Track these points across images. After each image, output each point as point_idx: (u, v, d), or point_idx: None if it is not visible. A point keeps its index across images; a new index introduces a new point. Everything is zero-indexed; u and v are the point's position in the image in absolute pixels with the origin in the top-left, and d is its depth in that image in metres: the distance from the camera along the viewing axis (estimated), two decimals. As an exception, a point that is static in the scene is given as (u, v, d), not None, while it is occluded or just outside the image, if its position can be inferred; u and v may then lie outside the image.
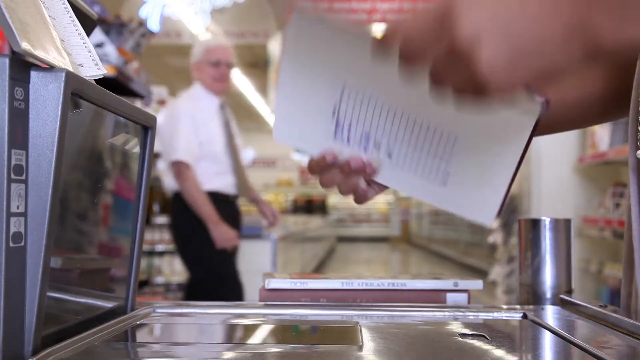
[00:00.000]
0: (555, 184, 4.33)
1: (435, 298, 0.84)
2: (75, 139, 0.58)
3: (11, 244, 0.49)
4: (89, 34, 0.67)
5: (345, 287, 0.85)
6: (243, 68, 10.59)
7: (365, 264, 12.27)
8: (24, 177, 0.50)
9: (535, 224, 0.87)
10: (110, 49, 3.14)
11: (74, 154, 0.58)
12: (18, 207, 0.49)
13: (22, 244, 0.50)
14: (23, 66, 0.50)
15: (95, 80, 0.61)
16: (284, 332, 0.70)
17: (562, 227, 0.87)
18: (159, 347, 0.64)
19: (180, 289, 4.64)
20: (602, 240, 4.00)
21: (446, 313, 0.76)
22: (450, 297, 0.84)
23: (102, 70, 0.62)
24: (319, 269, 9.71)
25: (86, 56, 0.62)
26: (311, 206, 19.32)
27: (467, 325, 0.71)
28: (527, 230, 0.88)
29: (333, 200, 19.96)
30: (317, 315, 0.76)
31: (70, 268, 0.61)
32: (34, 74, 0.51)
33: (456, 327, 0.69)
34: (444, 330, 0.69)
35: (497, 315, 0.77)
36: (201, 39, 3.50)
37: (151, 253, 4.71)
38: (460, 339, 0.63)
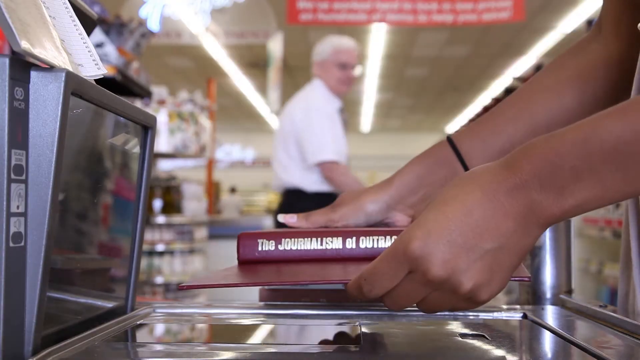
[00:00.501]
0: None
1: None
2: (75, 139, 0.58)
3: (11, 244, 0.49)
4: (89, 34, 0.67)
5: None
6: (243, 68, 10.59)
7: (365, 264, 12.21)
8: (24, 177, 0.50)
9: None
10: (110, 49, 3.14)
11: (74, 154, 0.58)
12: (18, 207, 0.49)
13: (22, 244, 0.50)
14: (23, 66, 0.50)
15: (95, 80, 0.61)
16: (284, 332, 0.70)
17: (562, 227, 0.87)
18: (159, 347, 0.64)
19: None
20: (602, 240, 4.00)
21: (446, 313, 0.76)
22: (450, 297, 0.84)
23: (102, 70, 0.62)
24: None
25: (86, 56, 0.62)
26: (311, 206, 19.25)
27: (467, 325, 0.71)
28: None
29: (333, 200, 19.90)
30: (317, 315, 0.76)
31: (70, 268, 0.61)
32: (34, 74, 0.51)
33: (456, 327, 0.69)
34: (444, 330, 0.69)
35: (497, 315, 0.76)
36: (330, 38, 3.40)
37: (151, 253, 4.71)
38: (460, 339, 0.63)
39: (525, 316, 0.75)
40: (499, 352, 0.59)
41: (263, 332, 0.70)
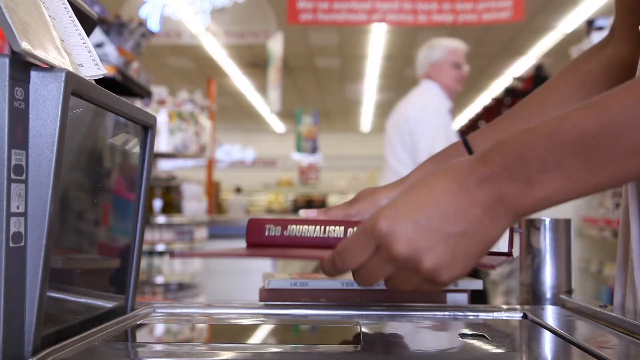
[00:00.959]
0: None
1: (435, 298, 0.84)
2: (75, 139, 0.58)
3: (11, 244, 0.49)
4: (89, 34, 0.67)
5: (345, 287, 0.85)
6: (243, 68, 10.59)
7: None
8: (24, 177, 0.50)
9: (535, 224, 0.87)
10: (110, 49, 3.14)
11: (74, 154, 0.58)
12: (18, 207, 0.49)
13: (22, 244, 0.50)
14: (23, 66, 0.50)
15: (95, 80, 0.61)
16: (284, 332, 0.70)
17: (562, 227, 0.87)
18: (159, 347, 0.64)
19: (180, 289, 4.64)
20: (602, 240, 4.00)
21: (446, 313, 0.76)
22: (450, 297, 0.84)
23: (102, 70, 0.62)
24: (319, 269, 9.71)
25: (86, 56, 0.62)
26: (311, 206, 19.29)
27: (467, 325, 0.71)
28: (527, 230, 0.88)
29: (333, 200, 19.95)
30: (317, 315, 0.76)
31: (70, 268, 0.61)
32: (34, 74, 0.51)
33: (456, 327, 0.69)
34: (444, 330, 0.69)
35: (497, 315, 0.76)
36: (438, 40, 3.53)
37: (151, 253, 4.70)
38: (460, 339, 0.63)
39: (525, 316, 0.75)
40: (499, 352, 0.59)
41: (263, 332, 0.70)
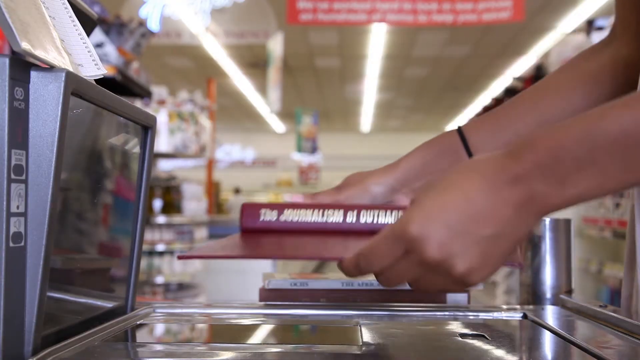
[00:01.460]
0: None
1: (435, 298, 0.84)
2: (75, 139, 0.58)
3: (11, 244, 0.49)
4: (89, 34, 0.67)
5: (345, 287, 0.85)
6: (243, 68, 10.59)
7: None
8: (24, 177, 0.50)
9: (535, 224, 0.87)
10: (110, 49, 3.14)
11: (74, 154, 0.58)
12: (18, 207, 0.49)
13: (22, 244, 0.50)
14: (23, 66, 0.50)
15: (95, 80, 0.61)
16: (284, 332, 0.70)
17: (562, 227, 0.87)
18: (159, 347, 0.64)
19: (180, 289, 4.64)
20: (602, 240, 4.00)
21: (446, 313, 0.76)
22: (450, 297, 0.84)
23: (102, 70, 0.62)
24: (319, 269, 9.71)
25: (86, 56, 0.62)
26: (311, 206, 19.25)
27: (467, 325, 0.71)
28: (527, 230, 0.88)
29: (333, 200, 19.90)
30: (317, 315, 0.76)
31: (70, 268, 0.61)
32: (34, 74, 0.51)
33: (456, 327, 0.69)
34: (444, 330, 0.69)
35: (497, 315, 0.76)
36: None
37: (151, 253, 4.70)
38: (460, 339, 0.63)
39: (525, 316, 0.75)
40: (499, 352, 0.59)
41: (263, 332, 0.70)
